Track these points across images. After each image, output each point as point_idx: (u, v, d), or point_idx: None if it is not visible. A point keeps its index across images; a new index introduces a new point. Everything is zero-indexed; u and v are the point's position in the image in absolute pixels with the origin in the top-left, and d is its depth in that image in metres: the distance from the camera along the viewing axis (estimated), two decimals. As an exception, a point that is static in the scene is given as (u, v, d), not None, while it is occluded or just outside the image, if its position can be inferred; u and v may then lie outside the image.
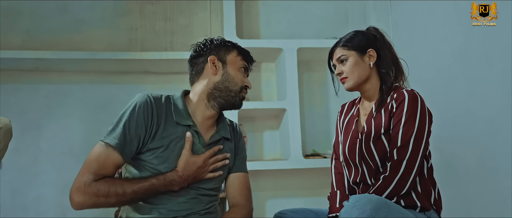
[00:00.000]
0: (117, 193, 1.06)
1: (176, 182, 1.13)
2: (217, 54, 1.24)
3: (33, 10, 2.65)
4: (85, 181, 1.04)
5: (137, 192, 1.08)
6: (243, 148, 1.36)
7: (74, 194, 1.04)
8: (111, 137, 1.09)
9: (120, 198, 1.07)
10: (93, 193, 1.04)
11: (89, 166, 1.07)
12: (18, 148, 2.47)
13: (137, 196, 1.09)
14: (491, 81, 1.59)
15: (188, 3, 2.83)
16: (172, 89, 2.61)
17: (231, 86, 1.22)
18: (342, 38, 1.38)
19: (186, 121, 1.18)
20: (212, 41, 1.27)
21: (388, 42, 1.38)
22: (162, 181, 1.11)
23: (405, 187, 1.17)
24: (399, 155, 1.19)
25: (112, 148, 1.08)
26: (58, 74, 2.62)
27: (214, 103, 1.23)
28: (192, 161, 1.16)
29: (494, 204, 1.58)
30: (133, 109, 1.13)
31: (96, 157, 1.08)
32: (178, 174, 1.13)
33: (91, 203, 1.04)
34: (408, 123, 1.20)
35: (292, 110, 2.50)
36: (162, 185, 1.11)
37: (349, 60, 1.33)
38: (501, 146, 1.53)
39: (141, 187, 1.09)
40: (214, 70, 1.22)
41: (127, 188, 1.07)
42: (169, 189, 1.13)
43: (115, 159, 1.09)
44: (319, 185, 2.62)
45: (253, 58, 1.31)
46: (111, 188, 1.05)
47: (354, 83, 1.34)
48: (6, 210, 2.45)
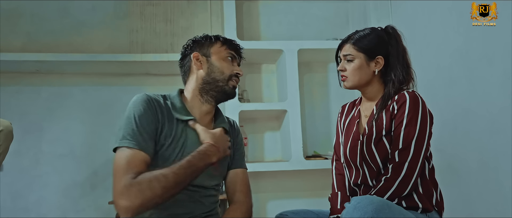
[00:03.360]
0: (159, 181, 0.99)
1: (212, 152, 1.11)
2: (200, 50, 1.27)
3: (34, 12, 2.65)
4: (125, 183, 0.98)
5: (178, 173, 1.02)
6: (241, 144, 1.37)
7: (119, 200, 0.97)
8: (128, 140, 1.06)
9: (165, 185, 0.99)
10: (137, 191, 0.97)
11: (122, 170, 1.02)
12: (19, 150, 2.48)
13: (180, 178, 1.02)
14: (492, 81, 1.59)
15: (188, 4, 2.83)
16: (173, 90, 2.61)
17: (217, 76, 1.23)
18: (356, 35, 1.34)
19: (186, 116, 1.20)
20: (194, 39, 1.30)
21: (402, 46, 1.33)
22: (198, 155, 1.08)
23: (407, 189, 1.17)
24: (401, 157, 1.19)
25: (135, 150, 1.06)
26: (59, 76, 2.63)
27: (207, 97, 1.25)
28: (218, 132, 1.18)
29: (496, 204, 1.58)
30: (139, 108, 1.12)
31: (124, 160, 1.04)
32: (210, 143, 1.13)
33: (139, 203, 0.96)
34: (409, 125, 1.20)
35: (293, 111, 2.50)
36: (199, 159, 1.08)
37: (355, 62, 1.31)
38: (502, 146, 1.53)
39: (179, 167, 1.04)
40: (198, 65, 1.25)
41: (167, 173, 1.01)
42: (207, 162, 1.09)
43: (142, 157, 1.06)
44: (320, 186, 2.61)
45: (239, 46, 1.31)
46: (152, 179, 0.99)
47: (353, 85, 1.33)
48: (7, 212, 2.45)
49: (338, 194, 1.36)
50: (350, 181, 1.35)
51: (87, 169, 2.56)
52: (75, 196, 2.53)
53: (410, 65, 1.33)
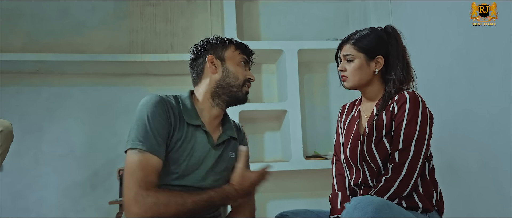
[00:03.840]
0: (177, 203, 1.01)
1: (232, 195, 1.12)
2: (215, 53, 1.24)
3: (34, 12, 2.65)
4: (140, 191, 0.99)
5: (197, 202, 1.04)
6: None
7: (132, 206, 0.98)
8: (141, 142, 1.05)
9: (180, 208, 1.01)
10: (153, 203, 0.99)
11: (136, 177, 1.01)
12: (19, 150, 2.48)
13: (197, 207, 1.04)
14: (492, 81, 1.59)
15: (188, 5, 2.83)
16: (173, 91, 2.60)
17: (232, 81, 1.22)
18: (355, 35, 1.33)
19: (196, 121, 1.18)
20: (208, 41, 1.27)
21: (402, 46, 1.33)
22: (220, 194, 1.09)
23: (407, 189, 1.17)
24: (401, 158, 1.19)
25: (147, 153, 1.04)
26: (59, 76, 2.63)
27: (219, 101, 1.23)
28: (247, 176, 1.15)
29: (496, 204, 1.58)
30: (152, 110, 1.10)
31: (138, 165, 1.03)
32: (234, 188, 1.13)
33: (151, 214, 0.98)
34: (410, 125, 1.20)
35: (293, 112, 2.50)
36: (220, 198, 1.09)
37: (355, 62, 1.31)
38: (502, 146, 1.53)
39: (200, 198, 1.05)
40: (213, 69, 1.22)
41: (187, 199, 1.03)
42: (224, 203, 1.13)
43: (155, 163, 1.05)
44: (320, 187, 2.61)
45: (252, 51, 1.30)
46: (171, 198, 1.01)
47: (353, 85, 1.33)
48: (7, 213, 2.45)
49: (338, 194, 1.36)
50: (351, 181, 1.35)
51: (87, 169, 2.56)
52: (75, 196, 2.53)
53: (410, 64, 1.33)
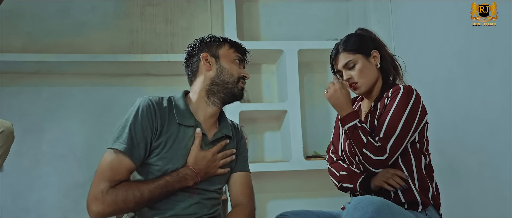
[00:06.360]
0: (134, 196, 1.05)
1: (190, 176, 1.14)
2: (209, 50, 1.26)
3: (34, 13, 2.65)
4: (102, 189, 1.03)
5: (154, 191, 1.08)
6: (244, 147, 1.37)
7: (92, 204, 1.03)
8: (119, 143, 1.09)
9: (138, 201, 1.06)
10: (111, 201, 1.03)
11: (103, 174, 1.06)
12: (20, 151, 2.47)
13: (154, 196, 1.08)
14: (492, 82, 1.59)
15: (188, 5, 2.84)
16: (173, 91, 2.60)
17: (227, 78, 1.24)
18: (341, 44, 1.37)
19: (189, 121, 1.19)
20: (202, 39, 1.29)
21: (381, 41, 1.39)
22: (176, 177, 1.12)
23: (384, 155, 1.18)
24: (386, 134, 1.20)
25: (122, 154, 1.08)
26: (59, 76, 2.63)
27: (214, 99, 1.24)
28: (202, 155, 1.17)
29: (495, 204, 1.58)
30: (136, 113, 1.13)
31: (108, 164, 1.07)
32: (190, 168, 1.14)
33: (111, 211, 1.03)
34: (398, 109, 1.21)
35: (293, 112, 2.50)
36: (176, 181, 1.11)
37: (358, 65, 1.32)
38: (502, 147, 1.53)
39: (156, 186, 1.08)
40: (208, 66, 1.24)
41: (144, 190, 1.07)
42: (183, 185, 1.13)
43: (127, 164, 1.09)
44: (320, 187, 2.61)
45: (246, 49, 1.32)
46: (128, 192, 1.05)
47: (366, 87, 1.33)
48: (8, 213, 2.45)
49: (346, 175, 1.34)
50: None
51: (88, 169, 2.55)
52: (75, 197, 2.53)
53: (392, 55, 1.40)
